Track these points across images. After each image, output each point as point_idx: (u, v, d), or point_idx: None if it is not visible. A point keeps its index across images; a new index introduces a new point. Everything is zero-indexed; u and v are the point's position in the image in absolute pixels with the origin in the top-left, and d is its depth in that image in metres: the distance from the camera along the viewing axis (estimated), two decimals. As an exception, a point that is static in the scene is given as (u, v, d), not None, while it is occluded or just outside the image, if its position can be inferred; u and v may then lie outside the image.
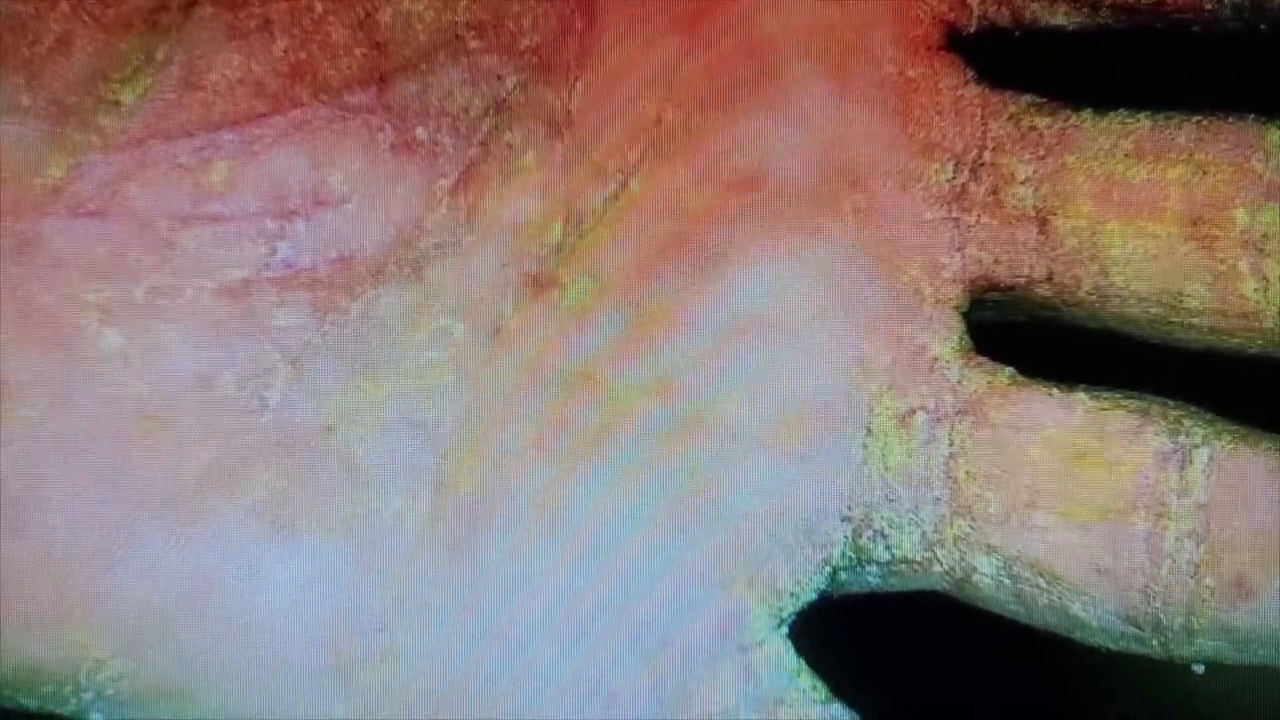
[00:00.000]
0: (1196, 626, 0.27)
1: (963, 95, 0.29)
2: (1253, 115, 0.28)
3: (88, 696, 0.26)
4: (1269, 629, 0.27)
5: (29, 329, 0.26)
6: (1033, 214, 0.28)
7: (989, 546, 0.28)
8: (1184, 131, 0.28)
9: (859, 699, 0.28)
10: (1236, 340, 0.28)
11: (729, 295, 0.28)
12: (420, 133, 0.28)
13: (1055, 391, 0.28)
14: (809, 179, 0.29)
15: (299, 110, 0.27)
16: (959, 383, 0.28)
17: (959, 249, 0.29)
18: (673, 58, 0.29)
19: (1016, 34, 0.29)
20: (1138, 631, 0.27)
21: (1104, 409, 0.28)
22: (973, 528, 0.28)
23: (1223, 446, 0.27)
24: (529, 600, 0.28)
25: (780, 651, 0.28)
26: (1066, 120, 0.29)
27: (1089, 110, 0.29)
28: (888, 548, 0.28)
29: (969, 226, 0.29)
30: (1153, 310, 0.28)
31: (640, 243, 0.28)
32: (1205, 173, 0.28)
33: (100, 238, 0.26)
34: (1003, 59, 0.29)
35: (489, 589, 0.27)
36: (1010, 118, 0.29)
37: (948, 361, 0.28)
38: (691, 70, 0.29)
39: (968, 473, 0.28)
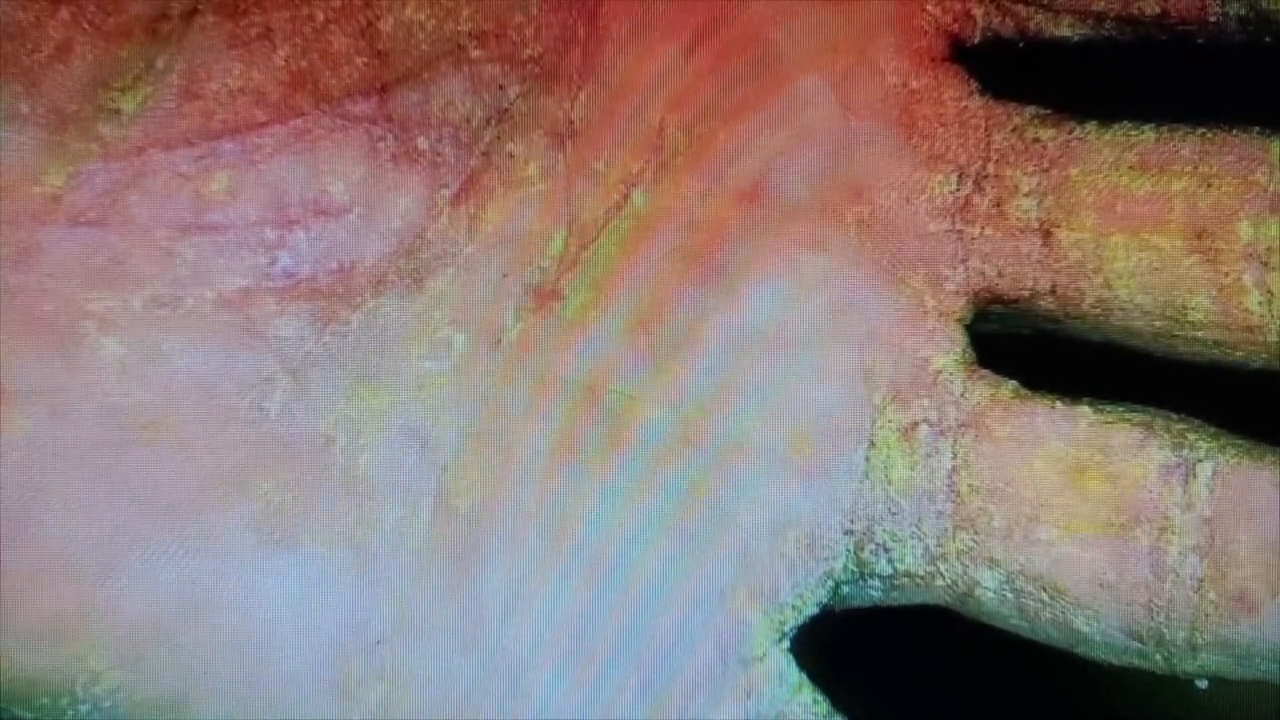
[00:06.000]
0: (1199, 641, 0.27)
1: (967, 107, 0.29)
2: (1257, 128, 0.28)
3: (84, 709, 0.26)
4: (1272, 644, 0.27)
5: (28, 338, 0.26)
6: (1036, 226, 0.28)
7: (992, 560, 0.28)
8: (1188, 144, 0.28)
9: (861, 714, 0.28)
10: (1240, 354, 0.28)
11: (732, 307, 0.28)
12: (422, 142, 0.28)
13: (1059, 405, 0.28)
14: (812, 190, 0.29)
15: (300, 119, 0.27)
16: (962, 395, 0.28)
17: (962, 261, 0.29)
18: (676, 68, 0.29)
19: (1021, 46, 0.29)
20: (1141, 646, 0.27)
21: (1108, 422, 0.28)
22: (976, 541, 0.28)
23: (1227, 460, 0.27)
24: (529, 619, 0.27)
25: (782, 665, 0.28)
26: (1070, 132, 0.28)
27: (1093, 122, 0.29)
28: (890, 561, 0.28)
29: (972, 239, 0.29)
30: (1156, 323, 0.28)
31: (643, 254, 0.28)
32: (1209, 186, 0.28)
33: (100, 247, 0.26)
34: (1007, 71, 0.29)
35: (489, 606, 0.27)
36: (1014, 130, 0.29)
37: (951, 374, 0.28)
38: (695, 81, 0.29)
39: (971, 486, 0.28)
